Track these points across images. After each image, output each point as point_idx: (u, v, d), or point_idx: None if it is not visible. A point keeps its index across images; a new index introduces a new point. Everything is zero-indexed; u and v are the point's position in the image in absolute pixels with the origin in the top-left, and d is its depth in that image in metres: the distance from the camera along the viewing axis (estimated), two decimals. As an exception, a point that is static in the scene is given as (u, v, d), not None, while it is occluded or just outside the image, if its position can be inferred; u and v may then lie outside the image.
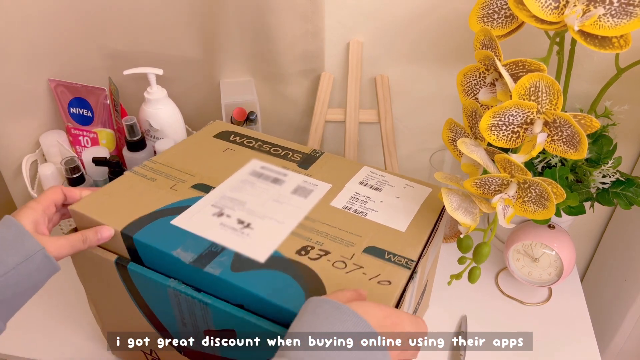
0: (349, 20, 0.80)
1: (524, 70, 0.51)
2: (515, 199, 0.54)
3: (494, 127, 0.52)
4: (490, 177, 0.53)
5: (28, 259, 0.46)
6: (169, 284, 0.51)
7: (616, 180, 0.68)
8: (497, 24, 0.57)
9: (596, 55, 0.76)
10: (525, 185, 0.53)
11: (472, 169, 0.57)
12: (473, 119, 0.56)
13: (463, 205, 0.56)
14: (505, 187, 0.54)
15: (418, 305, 0.63)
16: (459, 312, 0.76)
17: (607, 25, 0.48)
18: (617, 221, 0.91)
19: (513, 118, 0.51)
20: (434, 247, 0.58)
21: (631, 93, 0.75)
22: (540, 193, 0.52)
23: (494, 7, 0.57)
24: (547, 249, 0.73)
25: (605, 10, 0.48)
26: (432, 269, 0.66)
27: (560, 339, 0.72)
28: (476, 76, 0.56)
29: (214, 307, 0.49)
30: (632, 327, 0.86)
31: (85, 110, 0.82)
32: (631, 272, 0.84)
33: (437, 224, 0.57)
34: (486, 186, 0.54)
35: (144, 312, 0.57)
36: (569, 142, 0.50)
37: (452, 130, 0.59)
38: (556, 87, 0.48)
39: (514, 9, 0.52)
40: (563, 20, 0.49)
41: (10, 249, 0.45)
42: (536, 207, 0.53)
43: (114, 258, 0.54)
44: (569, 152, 0.50)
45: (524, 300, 0.78)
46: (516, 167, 0.51)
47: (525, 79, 0.49)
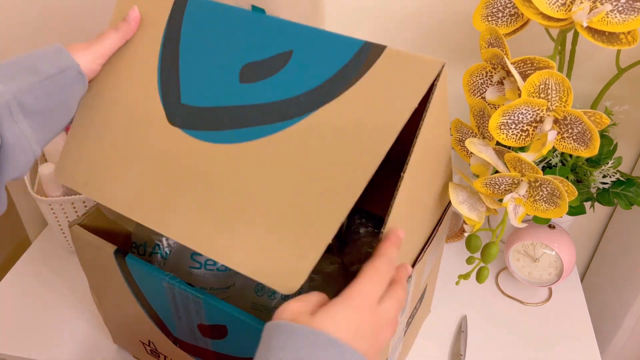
0: (349, 20, 0.80)
1: (532, 68, 0.51)
2: (526, 198, 0.53)
3: (503, 126, 0.51)
4: (501, 177, 0.53)
5: (62, 72, 0.46)
6: (164, 277, 0.51)
7: (616, 180, 0.68)
8: (501, 22, 0.56)
9: (597, 55, 0.76)
10: (536, 183, 0.52)
11: (482, 169, 0.56)
12: (480, 119, 0.55)
13: (469, 201, 0.56)
14: (516, 186, 0.53)
15: (416, 310, 0.63)
16: (459, 312, 0.76)
17: (615, 21, 0.48)
18: (617, 221, 0.91)
19: (523, 116, 0.51)
20: (433, 251, 0.58)
21: (631, 93, 0.75)
22: (551, 191, 0.52)
23: (498, 5, 0.56)
24: (547, 249, 0.73)
25: (612, 6, 0.48)
26: (432, 273, 0.65)
27: (560, 339, 0.72)
28: (483, 75, 0.55)
29: (206, 302, 0.49)
30: (632, 327, 0.86)
31: (85, 110, 0.82)
32: (631, 272, 0.84)
33: (436, 229, 0.57)
34: (496, 186, 0.54)
35: (141, 303, 0.57)
36: (579, 139, 0.50)
37: (459, 130, 0.59)
38: (566, 84, 0.47)
39: (520, 7, 0.52)
40: (570, 17, 0.49)
41: (46, 61, 0.45)
42: (548, 205, 0.53)
43: (113, 249, 0.54)
44: (579, 150, 0.50)
45: (524, 300, 0.78)
46: (527, 166, 0.51)
47: (534, 76, 0.48)
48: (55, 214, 0.76)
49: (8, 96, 0.42)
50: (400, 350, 0.63)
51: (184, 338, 0.57)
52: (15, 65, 0.45)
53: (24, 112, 0.44)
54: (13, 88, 0.43)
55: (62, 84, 0.46)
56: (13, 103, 0.43)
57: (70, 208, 0.76)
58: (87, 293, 0.71)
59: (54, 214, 0.76)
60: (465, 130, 0.58)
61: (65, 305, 0.76)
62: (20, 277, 0.81)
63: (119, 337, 0.69)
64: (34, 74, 0.44)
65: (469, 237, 0.58)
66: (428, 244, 0.54)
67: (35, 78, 0.44)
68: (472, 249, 0.59)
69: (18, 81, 0.43)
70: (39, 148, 0.46)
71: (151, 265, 0.52)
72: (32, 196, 0.75)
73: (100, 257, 0.56)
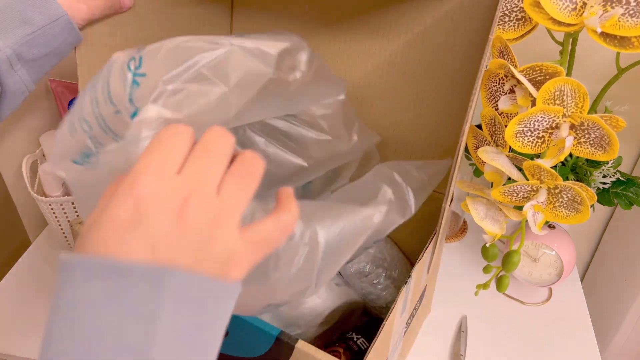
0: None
1: (542, 74, 0.50)
2: (545, 205, 0.53)
3: (519, 134, 0.51)
4: (520, 185, 0.52)
5: (53, 22, 0.49)
6: None
7: (616, 180, 0.68)
8: (508, 27, 0.55)
9: (596, 55, 0.76)
10: (556, 190, 0.52)
11: (496, 177, 0.56)
12: (492, 127, 0.55)
13: (489, 214, 0.55)
14: (535, 194, 0.53)
15: (416, 310, 0.63)
16: (459, 312, 0.76)
17: (627, 25, 0.47)
18: (617, 221, 0.91)
19: (539, 123, 0.50)
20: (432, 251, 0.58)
21: (631, 93, 0.75)
22: (572, 197, 0.51)
23: (503, 9, 0.55)
24: (547, 249, 0.73)
25: (623, 10, 0.47)
26: (432, 273, 0.65)
27: (560, 339, 0.73)
28: (496, 82, 0.55)
29: None
30: (633, 327, 0.86)
31: (85, 110, 0.82)
32: (631, 272, 0.84)
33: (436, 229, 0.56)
34: (514, 194, 0.53)
35: None
36: (596, 144, 0.49)
37: (476, 137, 0.58)
38: (582, 90, 0.47)
39: (529, 12, 0.51)
40: (581, 21, 0.49)
41: (35, 8, 0.48)
42: (568, 211, 0.52)
43: None
44: (596, 154, 0.50)
45: (524, 300, 0.78)
46: (546, 173, 0.51)
47: (549, 83, 0.48)
48: (55, 213, 0.76)
49: (8, 51, 0.47)
50: (400, 350, 0.63)
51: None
52: (4, 14, 0.47)
53: (21, 62, 0.49)
54: (10, 41, 0.47)
55: (54, 34, 0.50)
56: (12, 56, 0.47)
57: (70, 208, 0.75)
58: (87, 293, 0.71)
59: (54, 213, 0.76)
60: (481, 138, 0.57)
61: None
62: (20, 277, 0.81)
63: None
64: (26, 25, 0.48)
65: (486, 246, 0.58)
66: (427, 244, 0.54)
67: (29, 29, 0.48)
68: (490, 258, 0.58)
69: (13, 34, 0.47)
70: (34, 85, 0.52)
71: None
72: (32, 196, 0.75)
73: None
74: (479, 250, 0.87)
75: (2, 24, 0.47)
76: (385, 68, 0.61)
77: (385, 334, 0.48)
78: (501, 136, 0.53)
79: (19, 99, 0.51)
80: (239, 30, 0.71)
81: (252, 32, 0.69)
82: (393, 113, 0.63)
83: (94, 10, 0.52)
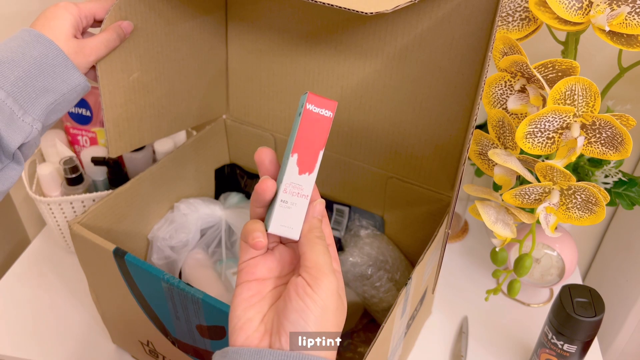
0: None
1: (554, 71, 0.50)
2: (557, 207, 0.52)
3: (529, 135, 0.50)
4: (532, 187, 0.51)
5: (73, 89, 0.51)
6: (163, 277, 0.51)
7: (618, 180, 0.68)
8: (512, 27, 0.55)
9: (598, 55, 0.75)
10: (569, 191, 0.51)
11: (506, 180, 0.55)
12: (500, 129, 0.54)
13: (500, 218, 0.54)
14: (547, 195, 0.52)
15: (416, 312, 0.63)
16: (460, 313, 0.76)
17: (634, 23, 0.47)
18: (619, 221, 0.90)
19: (549, 124, 0.50)
20: (433, 253, 0.57)
21: (633, 93, 0.75)
22: (587, 198, 0.51)
23: (507, 9, 0.55)
24: (549, 250, 0.72)
25: (630, 8, 0.47)
26: (432, 274, 0.65)
27: (562, 340, 0.72)
28: (502, 85, 0.54)
29: (205, 302, 0.49)
30: (634, 328, 0.86)
31: (84, 110, 0.82)
32: (633, 272, 0.84)
33: (436, 230, 0.56)
34: (526, 196, 0.53)
35: (140, 303, 0.57)
36: (608, 144, 0.49)
37: (479, 143, 0.57)
38: (593, 89, 0.47)
39: (535, 11, 0.50)
40: (587, 20, 0.48)
41: (58, 76, 0.50)
42: (582, 213, 0.52)
43: (112, 248, 0.54)
44: (608, 154, 0.49)
45: (526, 301, 0.78)
46: (559, 174, 0.50)
47: (561, 83, 0.47)
48: (53, 213, 0.76)
49: (37, 125, 0.49)
50: (401, 352, 0.62)
51: (183, 338, 0.57)
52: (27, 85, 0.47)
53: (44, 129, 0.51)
54: (38, 112, 0.48)
55: (71, 99, 0.52)
56: (40, 127, 0.49)
57: (68, 208, 0.75)
58: (86, 293, 0.71)
59: (53, 214, 0.76)
60: (486, 142, 0.57)
61: (63, 305, 0.76)
62: (19, 277, 0.81)
63: (117, 336, 0.69)
64: (49, 93, 0.49)
65: (495, 250, 0.57)
66: (428, 246, 0.54)
67: (51, 98, 0.50)
68: (499, 262, 0.58)
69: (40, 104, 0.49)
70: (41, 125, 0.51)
71: (150, 265, 0.53)
72: (31, 196, 0.74)
73: (99, 255, 0.56)
74: (480, 251, 0.87)
75: (25, 94, 0.47)
76: (384, 71, 0.61)
77: (385, 337, 0.48)
78: (510, 138, 0.53)
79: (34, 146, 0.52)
80: (234, 42, 0.71)
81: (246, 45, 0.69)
82: (392, 116, 0.63)
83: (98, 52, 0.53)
